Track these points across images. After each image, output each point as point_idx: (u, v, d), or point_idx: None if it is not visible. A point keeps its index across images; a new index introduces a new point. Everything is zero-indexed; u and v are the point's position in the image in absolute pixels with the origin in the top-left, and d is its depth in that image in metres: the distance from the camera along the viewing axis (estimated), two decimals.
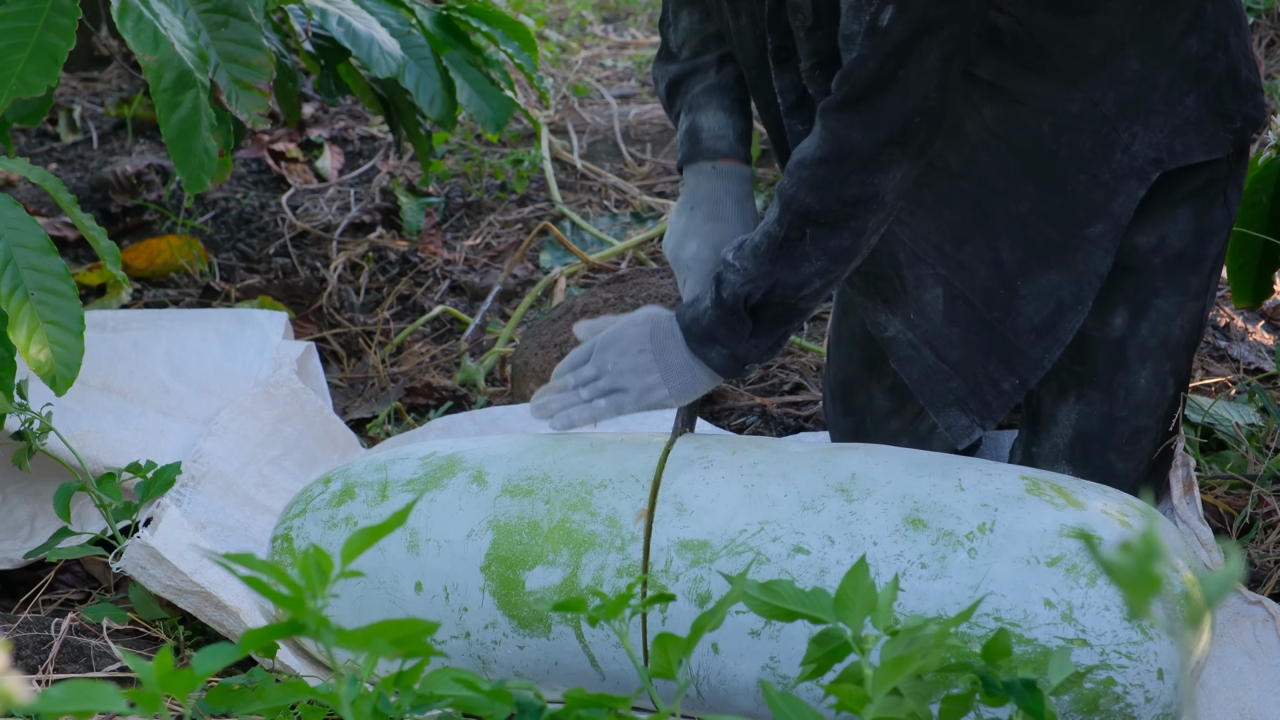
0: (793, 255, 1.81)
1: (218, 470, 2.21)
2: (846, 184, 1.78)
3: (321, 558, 1.11)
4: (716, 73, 2.05)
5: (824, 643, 1.28)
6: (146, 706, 1.06)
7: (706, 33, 2.05)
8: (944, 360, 2.00)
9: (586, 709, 1.26)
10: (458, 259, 3.40)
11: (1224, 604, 1.84)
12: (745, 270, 1.83)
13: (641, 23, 5.05)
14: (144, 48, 2.09)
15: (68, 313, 1.93)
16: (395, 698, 1.26)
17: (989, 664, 1.31)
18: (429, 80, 2.88)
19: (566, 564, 1.71)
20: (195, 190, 2.16)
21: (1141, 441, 1.99)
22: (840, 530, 1.64)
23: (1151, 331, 1.96)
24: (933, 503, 1.64)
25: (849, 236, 1.81)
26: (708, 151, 2.03)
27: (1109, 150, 1.90)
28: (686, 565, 1.68)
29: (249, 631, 1.16)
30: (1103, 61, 1.87)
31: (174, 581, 1.87)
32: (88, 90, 4.29)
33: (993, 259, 1.95)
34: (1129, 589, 0.89)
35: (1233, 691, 1.78)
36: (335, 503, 1.85)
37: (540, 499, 1.75)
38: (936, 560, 1.60)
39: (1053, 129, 1.89)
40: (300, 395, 2.39)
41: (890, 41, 1.72)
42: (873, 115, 1.75)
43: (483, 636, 1.75)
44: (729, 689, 1.68)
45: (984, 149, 1.90)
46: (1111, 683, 1.55)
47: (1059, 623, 1.55)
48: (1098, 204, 1.91)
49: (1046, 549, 1.59)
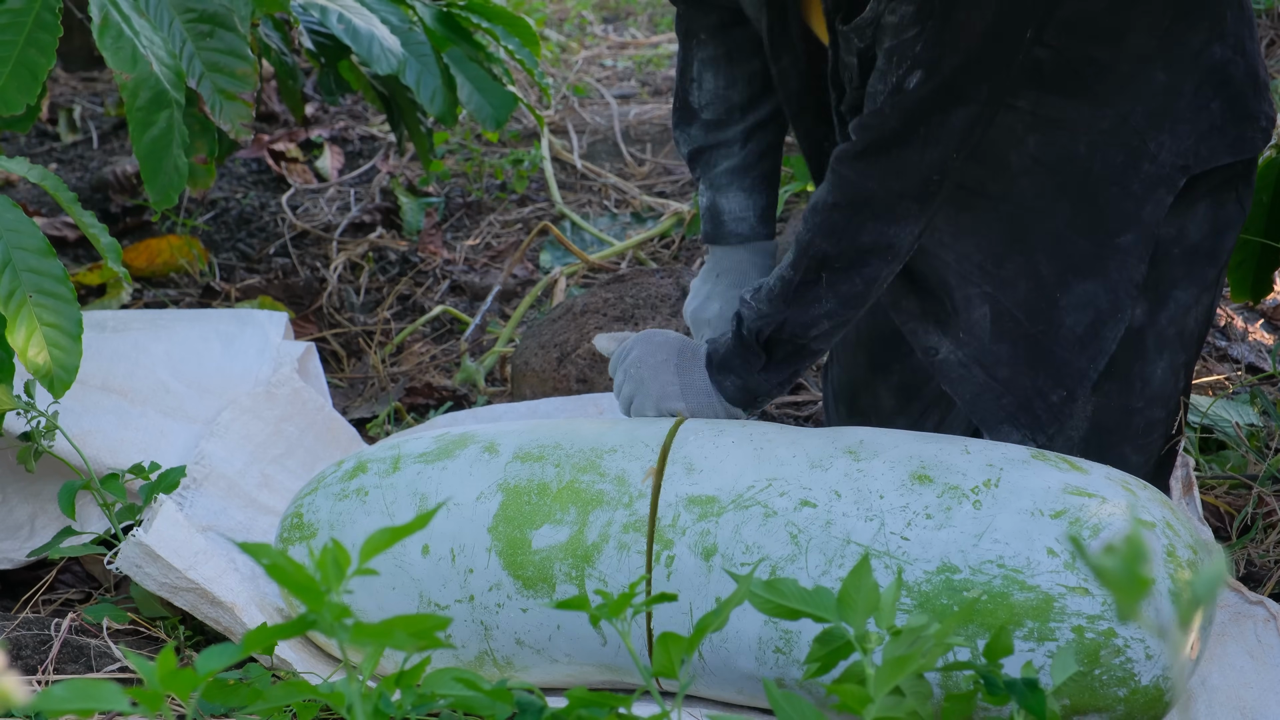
0: (805, 297, 1.86)
1: (220, 472, 2.21)
2: (862, 230, 1.81)
3: (339, 551, 1.10)
4: (740, 149, 2.09)
5: (826, 641, 1.28)
6: (149, 705, 1.06)
7: (731, 101, 2.09)
8: (994, 378, 2.02)
9: (587, 708, 1.26)
10: (458, 259, 3.40)
11: (1224, 603, 1.84)
12: (760, 311, 1.88)
13: (641, 23, 5.05)
14: (122, 66, 2.10)
15: (66, 315, 1.93)
16: (397, 696, 1.26)
17: (990, 663, 1.31)
18: (430, 77, 2.88)
19: (574, 522, 1.72)
20: (164, 206, 2.17)
21: (1154, 434, 2.01)
22: (847, 485, 1.67)
23: (1170, 321, 1.98)
24: (939, 461, 1.68)
25: (861, 283, 1.84)
26: (730, 235, 2.10)
27: (1138, 161, 1.92)
28: (694, 520, 1.69)
29: (253, 631, 1.16)
30: (1131, 77, 1.89)
31: (169, 579, 1.86)
32: (88, 90, 4.29)
33: (1031, 273, 1.98)
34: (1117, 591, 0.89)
35: (1234, 690, 1.78)
36: (347, 477, 1.86)
37: (550, 463, 1.77)
38: (942, 511, 1.62)
39: (1087, 148, 1.91)
40: (302, 394, 2.39)
41: (912, 101, 1.74)
42: (889, 166, 1.78)
43: (486, 600, 1.75)
44: (731, 648, 1.68)
45: (1025, 175, 1.93)
46: (1113, 634, 1.55)
47: (1062, 571, 1.56)
48: (1128, 214, 1.94)
49: (1051, 503, 1.61)
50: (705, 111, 2.10)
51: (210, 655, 1.10)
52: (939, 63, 1.72)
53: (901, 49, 1.72)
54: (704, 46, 2.10)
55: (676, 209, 3.41)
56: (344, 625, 1.09)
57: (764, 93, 2.10)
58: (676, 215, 3.38)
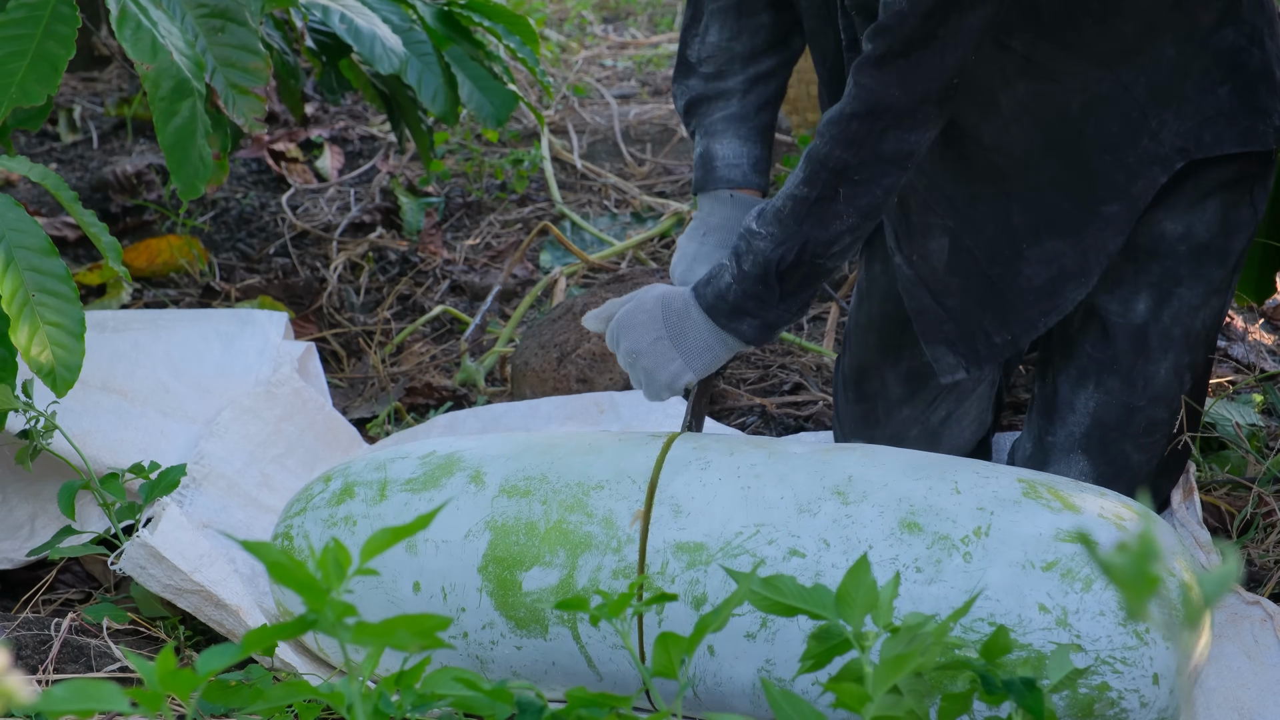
0: (824, 214, 1.81)
1: (220, 471, 2.21)
2: (883, 139, 1.78)
3: (340, 552, 1.11)
4: (739, 100, 2.07)
5: (824, 639, 1.28)
6: (149, 706, 1.06)
7: (733, 52, 2.07)
8: (940, 304, 2.03)
9: (587, 709, 1.26)
10: (458, 259, 3.40)
11: (1222, 604, 1.84)
12: (773, 235, 1.83)
13: (641, 23, 5.05)
14: (142, 56, 2.10)
15: (69, 314, 1.93)
16: (396, 697, 1.26)
17: (988, 663, 1.31)
18: (431, 76, 2.88)
19: (563, 565, 1.71)
20: (190, 196, 2.17)
21: (1157, 434, 2.00)
22: (836, 533, 1.64)
23: (1174, 320, 1.97)
24: (928, 506, 1.64)
25: (880, 193, 1.81)
26: (721, 180, 2.05)
27: (1137, 135, 1.91)
28: (683, 567, 1.68)
29: (253, 631, 1.16)
30: (1138, 46, 1.87)
31: (173, 581, 1.87)
32: (88, 90, 4.29)
33: (1003, 220, 1.97)
34: (1127, 590, 0.89)
35: (1231, 691, 1.78)
36: (335, 501, 1.85)
37: (537, 499, 1.75)
38: (932, 564, 1.60)
39: (1081, 108, 1.90)
40: (302, 393, 2.40)
41: (932, 2, 1.71)
42: (911, 72, 1.75)
43: (480, 636, 1.75)
44: (725, 691, 1.68)
45: (1014, 123, 1.91)
46: (1106, 688, 1.54)
47: (1054, 628, 1.55)
48: (1118, 185, 1.92)
49: (1042, 554, 1.58)
50: (704, 65, 2.08)
51: (211, 655, 1.11)
52: None
53: None
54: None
55: (676, 209, 3.42)
56: (345, 625, 1.09)
57: (767, 47, 2.08)
58: (676, 215, 3.38)
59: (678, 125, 3.97)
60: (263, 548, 1.09)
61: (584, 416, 2.48)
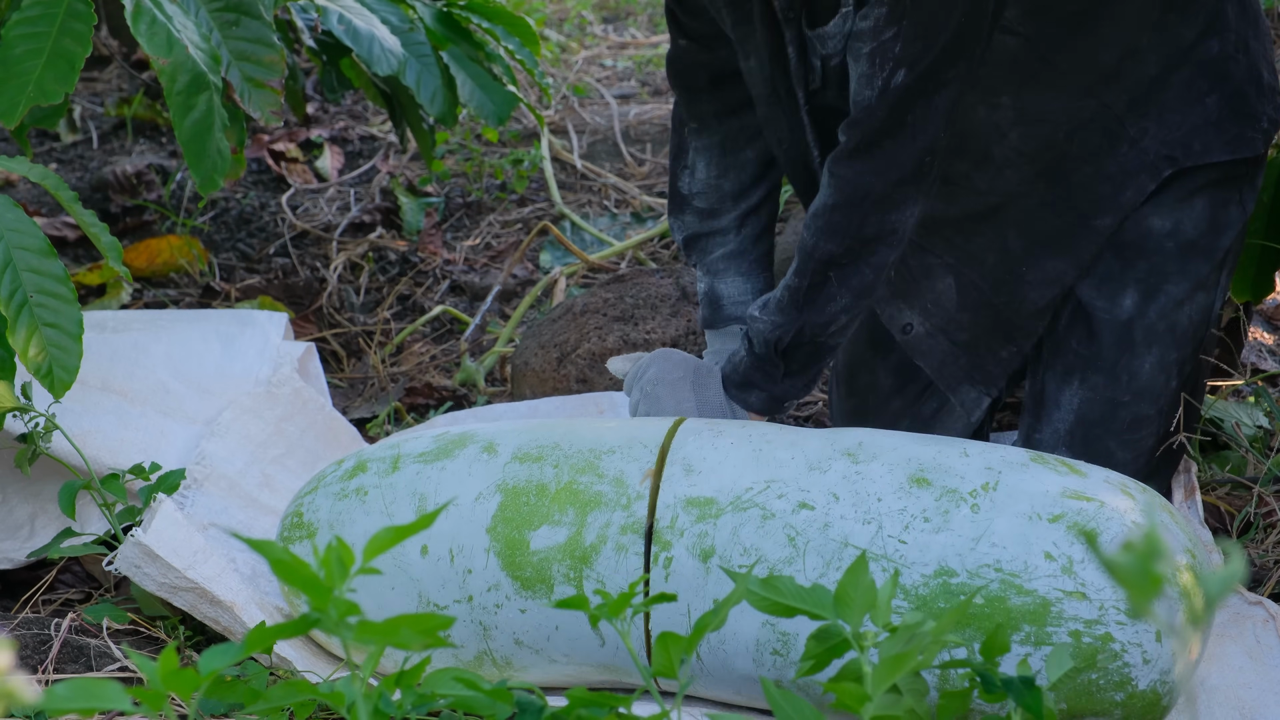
0: (817, 299, 1.89)
1: (221, 472, 2.21)
2: (865, 224, 1.85)
3: (343, 550, 1.11)
4: (735, 236, 2.15)
5: (823, 639, 1.28)
6: (151, 705, 1.07)
7: (723, 190, 2.14)
8: (954, 342, 2.09)
9: (588, 708, 1.26)
10: (458, 259, 3.40)
11: (1224, 604, 1.84)
12: (772, 320, 1.92)
13: (641, 23, 5.06)
14: (158, 51, 2.10)
15: (67, 316, 1.93)
16: (397, 696, 1.26)
17: (987, 660, 1.31)
18: (430, 77, 2.88)
19: (572, 523, 1.72)
20: (209, 190, 2.17)
21: (1142, 431, 2.01)
22: (845, 488, 1.67)
23: (1160, 315, 1.99)
24: (937, 465, 1.67)
25: (870, 272, 1.88)
26: (728, 319, 2.15)
27: (1115, 143, 1.94)
28: (691, 521, 1.69)
29: (255, 630, 1.16)
30: (1118, 71, 1.92)
31: (168, 579, 1.86)
32: (88, 90, 4.29)
33: (1000, 247, 2.02)
34: (1130, 588, 0.89)
35: (1233, 691, 1.78)
36: (347, 476, 1.86)
37: (549, 464, 1.77)
38: (939, 514, 1.62)
39: (1066, 135, 1.95)
40: (303, 393, 2.40)
41: (898, 95, 1.79)
42: (884, 159, 1.82)
43: (485, 600, 1.75)
44: (729, 649, 1.68)
45: (1008, 167, 1.97)
46: (1110, 639, 1.55)
47: (1059, 575, 1.56)
48: (1105, 196, 1.96)
49: (1049, 507, 1.61)
50: (697, 200, 2.15)
51: (213, 655, 1.11)
52: (919, 56, 1.77)
53: (882, 50, 1.77)
54: (698, 135, 2.15)
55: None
56: (348, 624, 1.09)
57: (754, 181, 2.15)
58: None
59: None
60: (266, 546, 1.09)
61: (584, 416, 2.49)
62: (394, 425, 2.73)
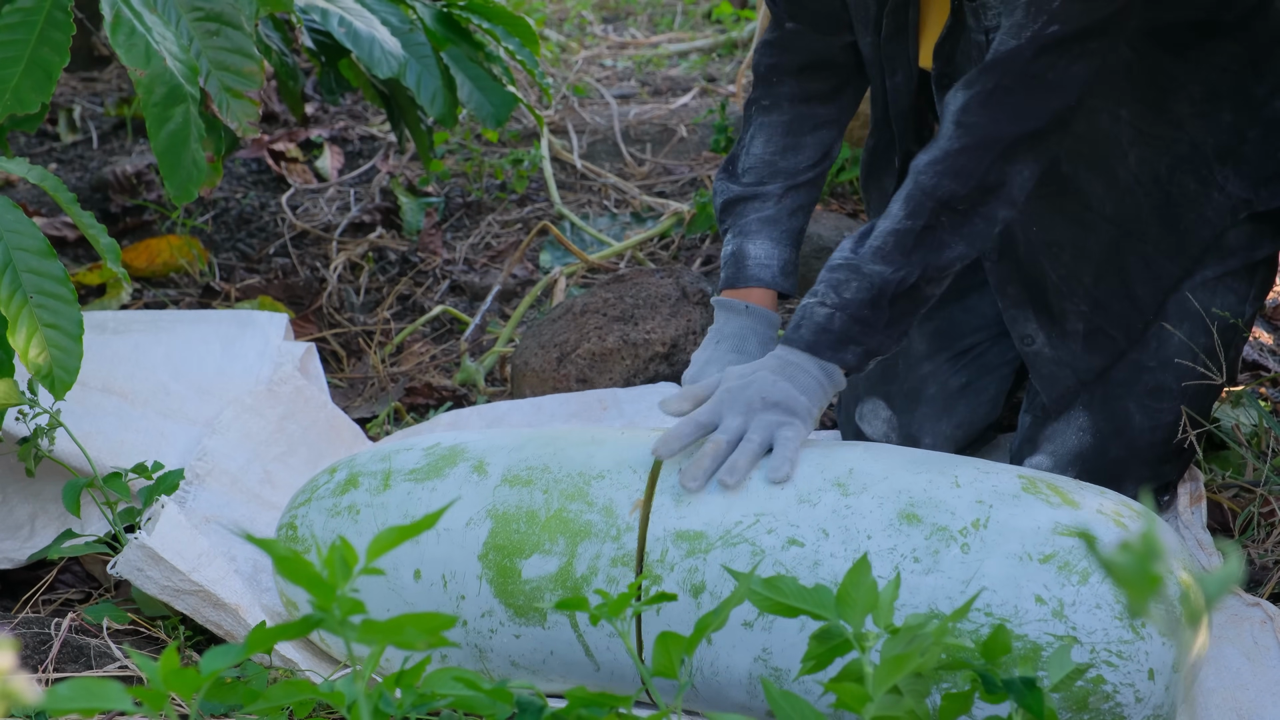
0: (932, 242, 1.85)
1: (222, 468, 2.22)
2: (989, 170, 1.84)
3: (346, 550, 1.11)
4: (775, 204, 2.14)
5: (824, 639, 1.28)
6: (152, 705, 1.07)
7: (777, 167, 2.14)
8: (1080, 379, 2.10)
9: (588, 708, 1.26)
10: (457, 259, 3.40)
11: (1222, 605, 1.84)
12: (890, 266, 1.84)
13: (641, 23, 5.06)
14: (136, 62, 2.10)
15: (67, 316, 1.93)
16: (398, 695, 1.26)
17: (988, 661, 1.31)
18: (430, 78, 2.88)
19: (562, 553, 1.71)
20: (183, 200, 2.17)
21: (1162, 402, 2.03)
22: (835, 523, 1.65)
23: (1193, 293, 2.04)
24: (928, 498, 1.65)
25: (981, 222, 1.85)
26: (750, 278, 2.10)
27: (1209, 189, 2.01)
28: (682, 555, 1.68)
29: (256, 630, 1.16)
30: (1204, 109, 1.98)
31: (171, 582, 1.87)
32: (87, 90, 4.29)
33: (1126, 295, 2.06)
34: (1128, 588, 0.90)
35: (1230, 692, 1.78)
36: (339, 491, 1.86)
37: (539, 489, 1.76)
38: (929, 555, 1.60)
39: (1167, 169, 2.00)
40: (304, 391, 2.40)
41: (1050, 44, 1.79)
42: (1016, 108, 1.82)
43: (480, 625, 1.75)
44: (722, 680, 1.68)
45: (1129, 193, 2.01)
46: (1101, 680, 1.54)
47: (1050, 619, 1.55)
48: (1208, 241, 2.03)
49: (1040, 546, 1.59)
50: (746, 175, 2.15)
51: (214, 655, 1.11)
52: (1076, 16, 1.77)
53: (1040, 2, 1.78)
54: (766, 113, 2.17)
55: (676, 209, 3.42)
56: (351, 623, 1.09)
57: (809, 166, 2.16)
58: (676, 215, 3.38)
59: (677, 125, 3.97)
60: (269, 544, 1.09)
61: (587, 414, 2.49)
62: (394, 425, 2.73)
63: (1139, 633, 1.56)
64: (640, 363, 2.61)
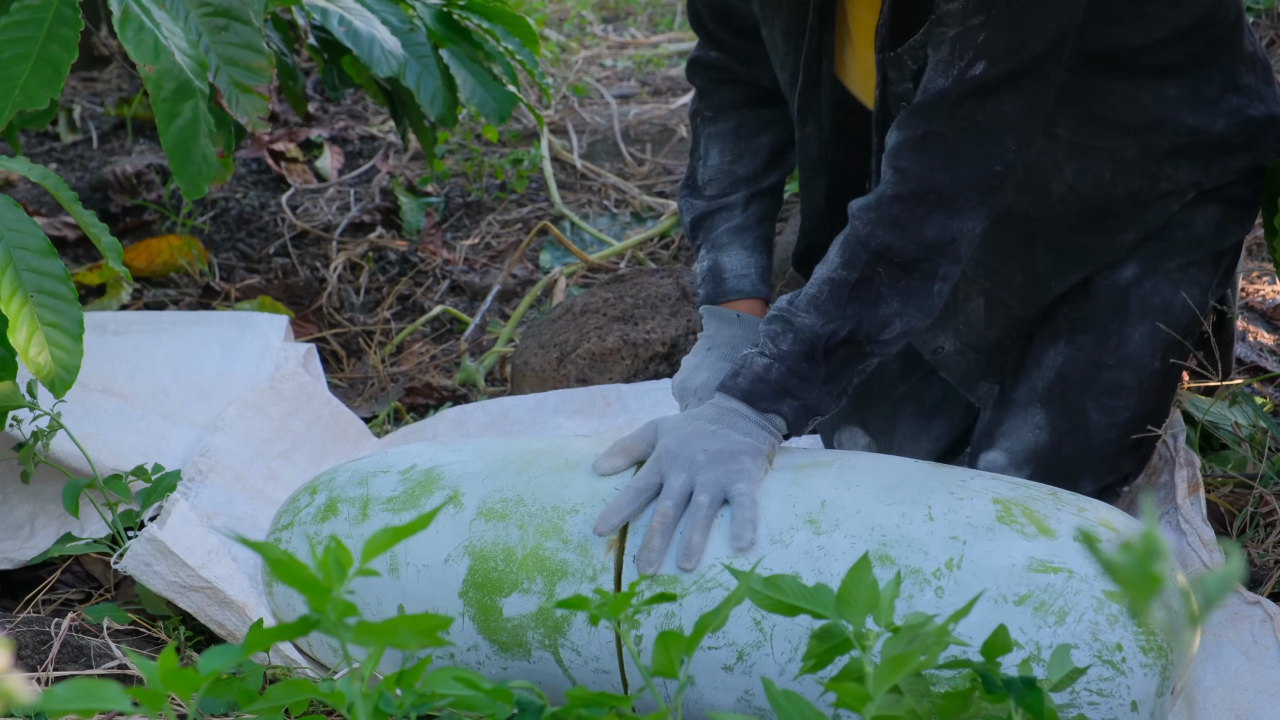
0: (867, 295, 1.78)
1: (226, 464, 2.22)
2: (926, 223, 1.77)
3: (341, 552, 1.11)
4: (742, 212, 2.11)
5: (825, 638, 1.28)
6: (150, 705, 1.07)
7: (735, 175, 2.13)
8: (980, 353, 2.10)
9: (587, 708, 1.26)
10: (457, 259, 3.40)
11: (1222, 604, 1.84)
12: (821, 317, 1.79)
13: (641, 22, 5.06)
14: (144, 58, 2.10)
15: (67, 315, 1.93)
16: (398, 695, 1.26)
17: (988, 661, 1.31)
18: (430, 78, 2.88)
19: (541, 592, 1.72)
20: (194, 196, 2.17)
21: (1120, 400, 2.02)
22: (808, 565, 1.64)
23: (1155, 289, 2.01)
24: (900, 536, 1.63)
25: (919, 280, 1.78)
26: (731, 291, 2.06)
27: (1155, 183, 1.98)
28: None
29: (254, 630, 1.16)
30: (1160, 116, 1.94)
31: (179, 577, 1.87)
32: (87, 90, 4.29)
33: (1030, 267, 2.04)
34: (1129, 589, 0.89)
35: (1228, 692, 1.77)
36: (320, 518, 1.88)
37: (514, 524, 1.76)
38: (903, 600, 1.59)
39: (1112, 174, 1.97)
40: (308, 388, 2.41)
41: (973, 86, 1.74)
42: (949, 155, 1.76)
43: (466, 658, 1.77)
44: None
45: (1061, 202, 1.98)
46: (1084, 719, 1.54)
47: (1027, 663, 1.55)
48: (1134, 217, 2.00)
49: (1015, 586, 1.58)
50: (709, 187, 2.13)
51: (212, 655, 1.11)
52: (1003, 54, 1.72)
53: (965, 38, 1.72)
54: (711, 123, 2.15)
55: (676, 209, 3.42)
56: (346, 624, 1.09)
57: (767, 167, 2.14)
58: (676, 215, 3.38)
59: (677, 125, 3.97)
60: (264, 546, 1.09)
61: (590, 410, 2.49)
62: (393, 425, 2.73)
63: (1119, 668, 1.55)
64: (640, 363, 2.61)
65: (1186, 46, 1.94)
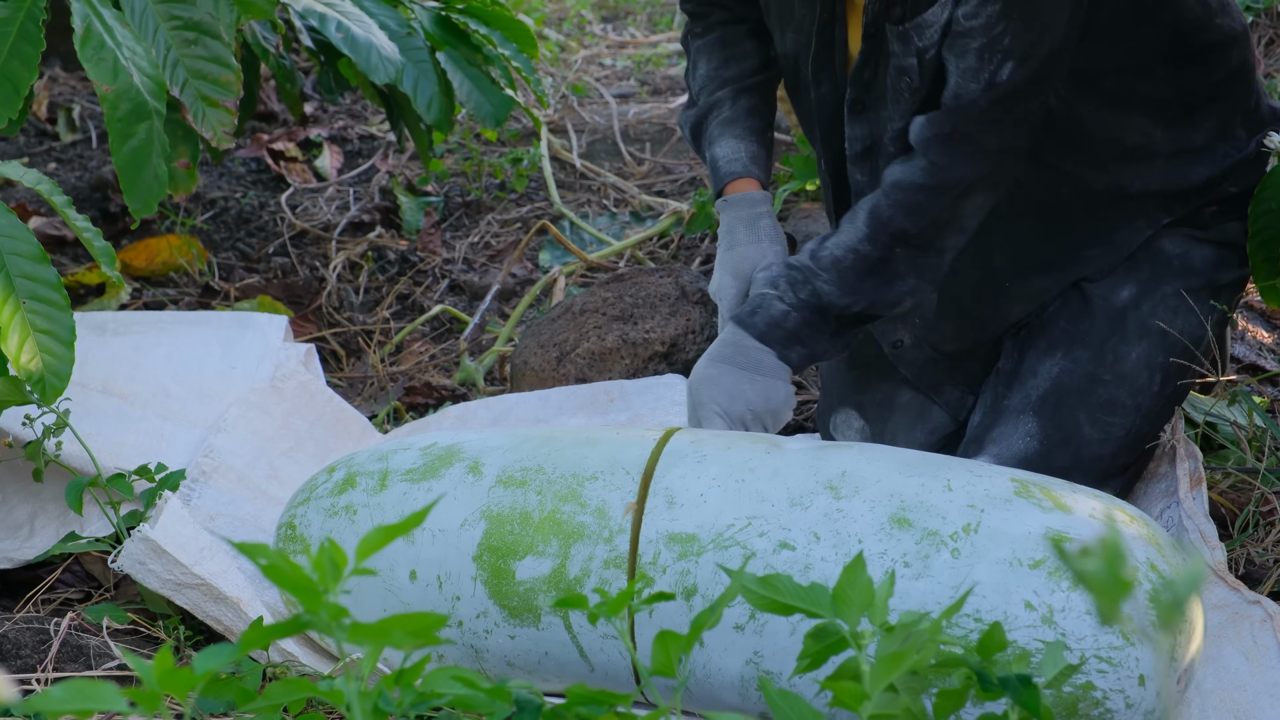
0: (885, 273, 1.94)
1: (229, 465, 2.22)
2: (943, 209, 1.91)
3: (335, 552, 1.11)
4: (730, 106, 2.19)
5: (820, 637, 1.28)
6: (146, 705, 1.07)
7: (723, 77, 2.20)
8: (937, 349, 2.15)
9: (586, 706, 1.26)
10: (457, 258, 3.41)
11: (1222, 604, 1.83)
12: (840, 288, 1.94)
13: (641, 22, 5.06)
14: (102, 78, 2.10)
15: (59, 322, 1.93)
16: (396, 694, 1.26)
17: (983, 658, 1.31)
18: (427, 83, 2.88)
19: (556, 555, 1.72)
20: (145, 214, 2.17)
21: (1114, 416, 2.02)
22: (826, 527, 1.65)
23: (1152, 312, 2.04)
24: (919, 502, 1.64)
25: (934, 255, 1.94)
26: (726, 175, 2.17)
27: (1119, 201, 2.04)
28: (674, 558, 1.68)
29: (250, 629, 1.16)
30: (1135, 154, 2.01)
31: (173, 575, 1.87)
32: (87, 90, 4.30)
33: (984, 263, 2.07)
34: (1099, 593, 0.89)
35: (1228, 693, 1.77)
36: (337, 491, 1.87)
37: (533, 490, 1.77)
38: (920, 560, 1.60)
39: (1073, 192, 2.03)
40: (309, 386, 2.41)
41: (1006, 89, 1.85)
42: (977, 150, 1.88)
43: (475, 625, 1.76)
44: (714, 683, 1.68)
45: (1008, 200, 2.02)
46: (1091, 687, 1.54)
47: (1039, 625, 1.55)
48: (1098, 233, 2.05)
49: (1030, 551, 1.58)
50: (700, 96, 2.21)
51: (208, 655, 1.11)
52: (1028, 53, 1.83)
53: (992, 45, 1.83)
54: (700, 36, 2.23)
55: (675, 208, 3.42)
56: (341, 625, 1.09)
57: (754, 71, 2.20)
58: (675, 215, 3.38)
59: (677, 125, 3.97)
60: (257, 549, 1.09)
61: (594, 406, 2.50)
62: (393, 425, 2.73)
63: (1129, 639, 1.55)
64: (640, 362, 2.61)
65: (1179, 83, 1.97)
